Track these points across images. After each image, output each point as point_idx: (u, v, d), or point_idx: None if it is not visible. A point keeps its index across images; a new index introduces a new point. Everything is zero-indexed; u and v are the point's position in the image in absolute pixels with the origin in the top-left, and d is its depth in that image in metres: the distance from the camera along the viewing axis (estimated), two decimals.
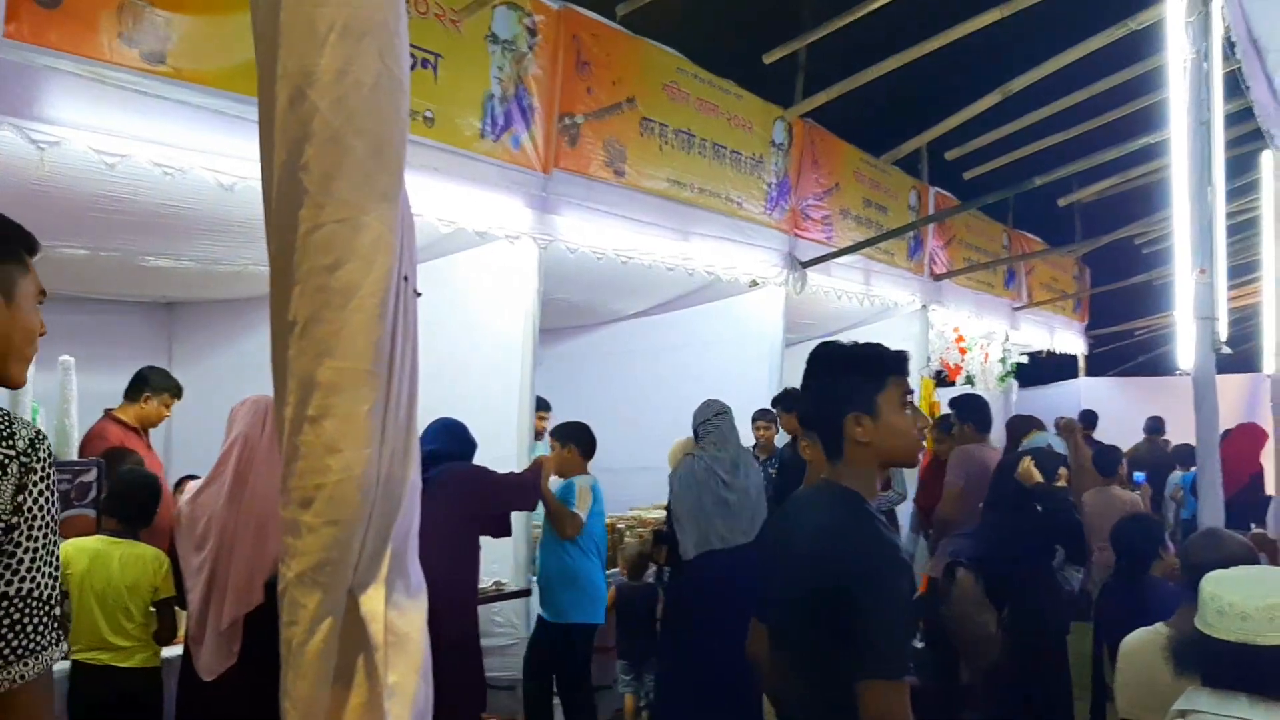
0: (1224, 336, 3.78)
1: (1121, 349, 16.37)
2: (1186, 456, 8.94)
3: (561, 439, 5.40)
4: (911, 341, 9.40)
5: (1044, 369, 14.58)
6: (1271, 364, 6.54)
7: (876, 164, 9.13)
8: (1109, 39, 7.39)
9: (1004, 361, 11.91)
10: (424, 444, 4.37)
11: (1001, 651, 4.16)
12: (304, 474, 1.52)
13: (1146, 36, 6.77)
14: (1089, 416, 11.41)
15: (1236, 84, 4.93)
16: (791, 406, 6.54)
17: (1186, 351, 3.74)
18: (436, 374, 4.99)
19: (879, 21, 6.96)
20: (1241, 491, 8.27)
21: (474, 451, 4.68)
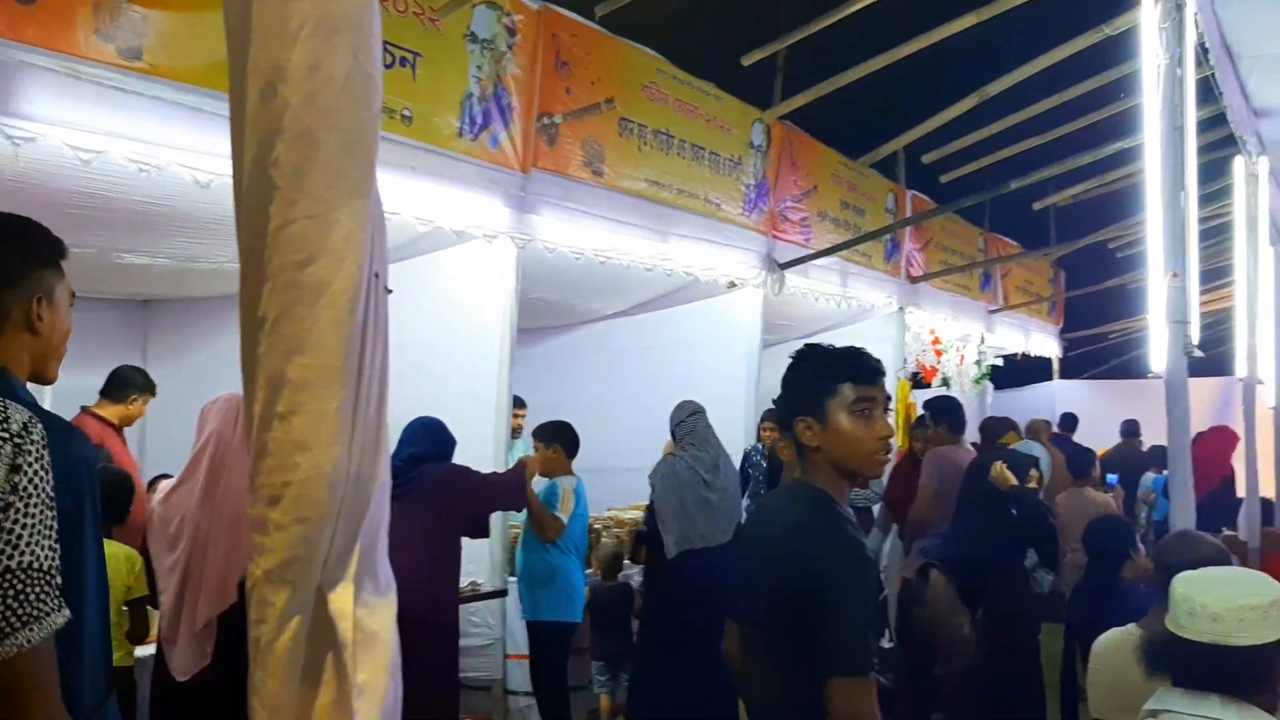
0: (1196, 340, 3.80)
1: (1095, 352, 16.50)
2: (1160, 459, 9.01)
3: (545, 439, 5.40)
4: (888, 343, 9.46)
5: (1019, 371, 14.65)
6: (1243, 368, 6.62)
7: (854, 166, 9.15)
8: (1085, 44, 7.45)
9: (979, 364, 11.96)
10: (403, 446, 4.43)
11: (975, 652, 4.19)
12: (272, 471, 1.51)
13: (1121, 42, 6.82)
14: (1069, 420, 11.51)
15: (1210, 90, 4.98)
16: None
17: (1159, 355, 3.75)
18: (414, 373, 5.02)
19: (857, 25, 6.99)
20: (1213, 494, 8.36)
21: (453, 449, 4.68)
